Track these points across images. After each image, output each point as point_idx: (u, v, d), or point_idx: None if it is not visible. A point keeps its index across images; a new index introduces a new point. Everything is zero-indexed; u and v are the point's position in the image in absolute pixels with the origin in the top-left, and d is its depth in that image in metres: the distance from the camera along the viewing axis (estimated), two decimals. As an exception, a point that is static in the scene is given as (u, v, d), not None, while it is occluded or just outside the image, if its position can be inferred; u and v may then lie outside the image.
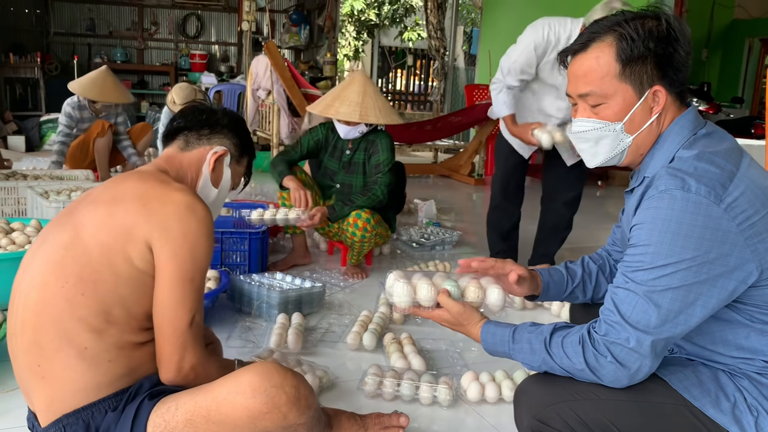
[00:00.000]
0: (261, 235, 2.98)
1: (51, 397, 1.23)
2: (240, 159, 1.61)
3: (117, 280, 1.25)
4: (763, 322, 1.16)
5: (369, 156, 3.15)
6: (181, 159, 1.52)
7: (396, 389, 1.93)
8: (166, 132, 1.57)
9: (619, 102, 1.22)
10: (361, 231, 2.98)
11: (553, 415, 1.18)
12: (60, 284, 1.23)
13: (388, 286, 1.41)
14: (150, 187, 1.33)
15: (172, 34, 9.92)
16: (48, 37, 9.23)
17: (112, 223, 1.27)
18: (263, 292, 2.50)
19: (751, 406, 1.14)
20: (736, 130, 6.86)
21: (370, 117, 3.02)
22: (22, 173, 3.95)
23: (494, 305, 1.40)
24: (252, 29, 6.97)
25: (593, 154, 1.30)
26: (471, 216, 5.13)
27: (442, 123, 6.58)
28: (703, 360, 1.24)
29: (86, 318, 1.22)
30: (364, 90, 3.08)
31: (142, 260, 1.26)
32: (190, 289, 1.28)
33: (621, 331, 1.13)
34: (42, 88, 8.27)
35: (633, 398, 1.16)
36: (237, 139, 1.58)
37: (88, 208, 1.31)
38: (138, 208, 1.28)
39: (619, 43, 1.19)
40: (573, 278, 1.53)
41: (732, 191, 1.10)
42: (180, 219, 1.28)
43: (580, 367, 1.16)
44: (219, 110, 1.60)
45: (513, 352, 1.27)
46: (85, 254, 1.25)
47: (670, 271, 1.09)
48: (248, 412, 1.20)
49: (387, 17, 15.15)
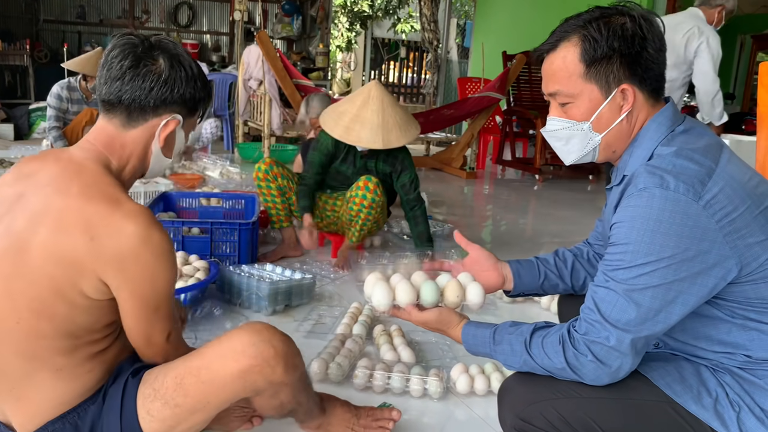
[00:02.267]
0: (251, 226, 2.97)
1: (31, 414, 1.20)
2: (193, 114, 1.34)
3: (72, 309, 1.16)
4: (744, 317, 1.16)
5: (397, 173, 3.19)
6: (124, 139, 1.27)
7: (386, 382, 1.93)
8: (103, 98, 1.26)
9: (585, 102, 1.22)
10: (372, 194, 2.95)
11: (536, 414, 1.18)
12: (15, 320, 1.14)
13: (366, 288, 1.40)
14: (95, 212, 1.14)
15: (163, 23, 9.84)
16: (37, 25, 9.13)
17: (59, 255, 1.13)
18: (253, 283, 2.49)
19: (732, 401, 1.14)
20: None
21: (392, 141, 2.96)
22: (10, 161, 3.91)
23: (474, 303, 1.40)
24: (244, 19, 6.92)
25: (566, 153, 1.31)
26: (462, 209, 5.13)
27: (435, 116, 6.56)
28: (686, 355, 1.25)
29: (52, 344, 1.16)
30: (382, 108, 2.97)
31: (97, 292, 1.16)
32: (156, 317, 1.23)
33: (601, 330, 1.13)
34: (31, 76, 8.18)
35: (615, 396, 1.16)
36: (189, 100, 1.29)
37: (28, 229, 1.14)
38: (85, 243, 1.12)
39: (583, 44, 1.19)
40: (544, 264, 1.54)
41: (711, 188, 1.10)
42: (135, 257, 1.15)
43: (560, 366, 1.16)
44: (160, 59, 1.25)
45: (494, 354, 1.27)
46: (34, 286, 1.14)
47: (650, 270, 1.09)
48: (238, 366, 1.21)
49: (380, 9, 15.09)
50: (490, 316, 2.66)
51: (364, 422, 1.65)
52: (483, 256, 1.53)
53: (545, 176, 6.59)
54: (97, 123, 1.30)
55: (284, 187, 3.17)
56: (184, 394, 1.21)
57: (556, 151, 1.34)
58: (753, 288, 1.14)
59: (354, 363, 2.05)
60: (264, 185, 3.15)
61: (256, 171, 3.16)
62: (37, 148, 5.68)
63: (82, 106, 4.69)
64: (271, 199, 3.17)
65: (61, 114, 4.62)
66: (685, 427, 1.14)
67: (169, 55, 1.26)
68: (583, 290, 1.55)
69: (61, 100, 4.60)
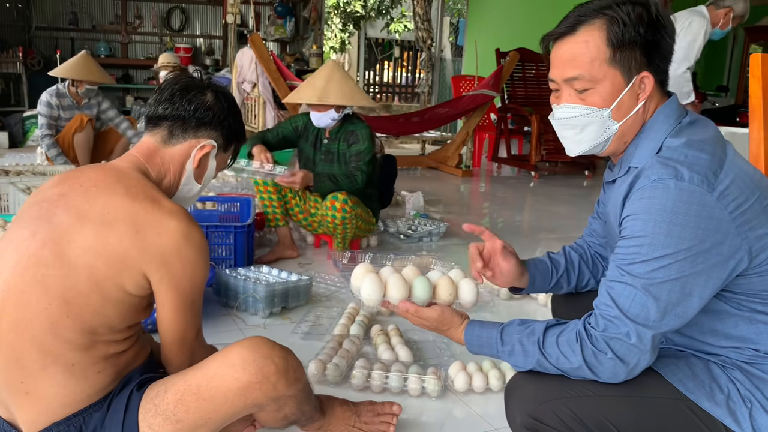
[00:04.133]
0: (247, 229, 2.96)
1: (38, 411, 1.20)
2: (227, 148, 1.49)
3: (105, 303, 1.20)
4: (751, 309, 1.16)
5: (349, 145, 3.21)
6: (163, 154, 1.39)
7: (384, 381, 1.92)
8: (149, 115, 1.42)
9: (607, 87, 1.19)
10: (340, 212, 3.04)
11: (548, 412, 1.15)
12: (43, 306, 1.17)
13: (354, 281, 1.38)
14: (141, 208, 1.23)
15: (156, 28, 9.81)
16: (30, 32, 9.09)
17: (104, 249, 1.19)
18: (249, 286, 2.48)
19: (744, 397, 1.13)
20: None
21: (330, 99, 3.10)
22: (4, 169, 3.90)
23: (467, 302, 1.37)
24: (237, 22, 6.91)
25: (577, 142, 1.27)
26: (459, 207, 5.13)
27: (430, 114, 6.55)
28: (692, 351, 1.23)
29: (70, 338, 1.18)
30: (330, 76, 3.18)
31: (137, 287, 1.23)
32: (191, 311, 1.30)
33: (621, 326, 1.10)
34: (24, 84, 8.14)
35: (628, 393, 1.14)
36: (226, 129, 1.45)
37: (67, 219, 1.21)
38: (132, 237, 1.20)
39: (611, 26, 1.16)
40: (557, 268, 1.52)
41: (723, 179, 1.09)
42: (178, 251, 1.23)
43: (577, 365, 1.13)
44: (209, 93, 1.42)
45: (502, 354, 1.24)
46: (71, 276, 1.18)
47: (668, 263, 1.08)
48: (238, 384, 1.21)
49: (373, 9, 15.07)
50: (488, 313, 2.66)
51: (366, 418, 1.65)
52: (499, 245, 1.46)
53: (541, 172, 6.59)
54: (141, 139, 1.43)
55: (281, 186, 3.19)
56: (185, 410, 1.21)
57: (564, 141, 1.29)
58: (760, 280, 1.13)
59: (351, 363, 2.04)
60: (261, 182, 3.19)
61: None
62: (32, 156, 5.66)
63: (74, 112, 4.67)
64: (268, 196, 3.21)
65: (53, 121, 4.60)
66: (699, 424, 1.13)
67: (217, 91, 1.44)
68: (584, 289, 1.55)
69: (51, 107, 4.58)
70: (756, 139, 1.78)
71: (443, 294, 1.35)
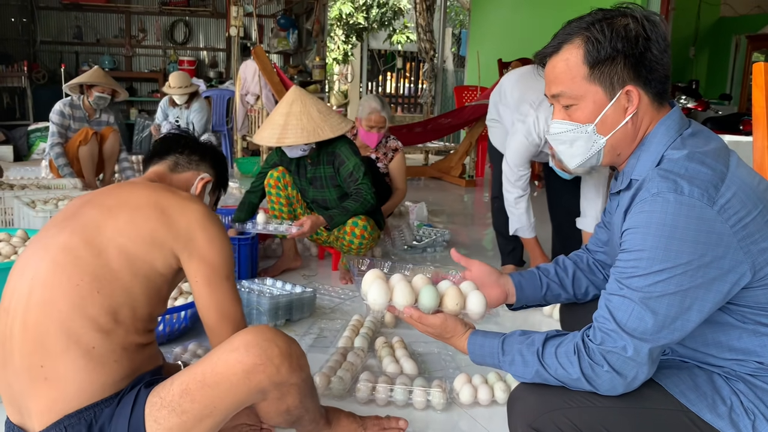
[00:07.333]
0: (250, 242, 2.96)
1: (53, 398, 1.22)
2: (215, 190, 1.72)
3: (134, 279, 1.29)
4: (756, 322, 1.15)
5: (336, 169, 3.05)
6: (171, 179, 1.57)
7: (389, 394, 1.91)
8: (154, 150, 1.62)
9: (589, 104, 1.21)
10: (359, 239, 3.00)
11: (549, 423, 1.15)
12: (74, 282, 1.24)
13: (363, 286, 1.38)
14: (162, 196, 1.38)
15: (160, 41, 9.87)
16: (35, 46, 9.16)
17: (133, 229, 1.31)
18: (253, 299, 2.48)
19: (747, 409, 1.12)
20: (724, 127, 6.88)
21: (287, 140, 2.89)
22: (9, 183, 3.91)
23: (475, 313, 1.36)
24: (240, 34, 6.94)
25: (570, 156, 1.29)
26: (462, 217, 5.12)
27: (433, 125, 6.57)
28: (696, 362, 1.22)
29: (95, 317, 1.23)
30: (288, 110, 2.96)
31: (165, 266, 1.33)
32: (227, 285, 1.39)
33: (617, 340, 1.10)
34: (29, 97, 8.21)
35: (629, 404, 1.13)
36: (218, 172, 1.69)
37: (95, 212, 1.33)
38: (158, 216, 1.33)
39: (586, 45, 1.18)
40: (546, 274, 1.51)
41: (724, 192, 1.08)
42: (203, 227, 1.36)
43: (575, 376, 1.13)
44: (204, 141, 1.72)
45: (503, 364, 1.24)
46: (102, 255, 1.28)
47: (666, 277, 1.07)
48: (243, 366, 1.23)
49: (375, 20, 15.14)
50: (493, 324, 2.64)
51: (371, 431, 1.65)
52: (484, 271, 1.47)
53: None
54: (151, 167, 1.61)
55: (292, 198, 3.17)
56: (190, 399, 1.22)
57: (561, 155, 1.31)
58: (765, 292, 1.12)
59: (356, 376, 2.03)
60: (274, 192, 3.14)
61: (268, 177, 3.15)
62: (37, 169, 5.69)
63: (83, 124, 4.70)
64: (279, 207, 3.16)
65: (63, 131, 4.63)
66: None
67: (213, 148, 1.71)
68: (585, 298, 1.53)
69: (64, 117, 4.62)
70: (760, 148, 1.78)
71: (450, 303, 1.35)
